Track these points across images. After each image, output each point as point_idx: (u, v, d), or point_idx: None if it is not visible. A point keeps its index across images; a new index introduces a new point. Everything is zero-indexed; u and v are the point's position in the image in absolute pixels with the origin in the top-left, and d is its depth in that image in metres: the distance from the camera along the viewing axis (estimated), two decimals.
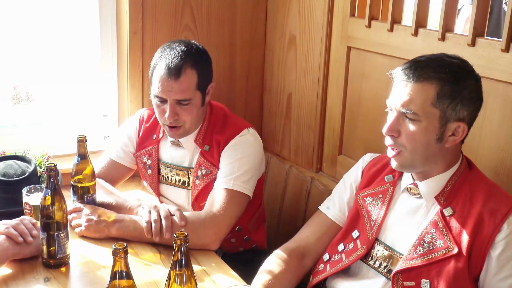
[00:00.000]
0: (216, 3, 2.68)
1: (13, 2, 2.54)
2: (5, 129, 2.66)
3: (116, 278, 1.33)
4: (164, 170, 2.32)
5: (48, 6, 2.60)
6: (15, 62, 2.72)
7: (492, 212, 1.54)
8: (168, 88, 2.06)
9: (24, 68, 2.74)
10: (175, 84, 2.05)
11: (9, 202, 2.12)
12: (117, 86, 2.69)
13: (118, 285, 1.33)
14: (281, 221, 2.70)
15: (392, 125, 1.61)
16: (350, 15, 2.35)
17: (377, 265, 1.71)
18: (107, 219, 2.02)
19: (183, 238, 1.37)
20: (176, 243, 1.37)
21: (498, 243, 1.51)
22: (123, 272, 1.33)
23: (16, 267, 1.83)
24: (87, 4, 2.57)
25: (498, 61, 1.80)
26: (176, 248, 1.37)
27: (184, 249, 1.37)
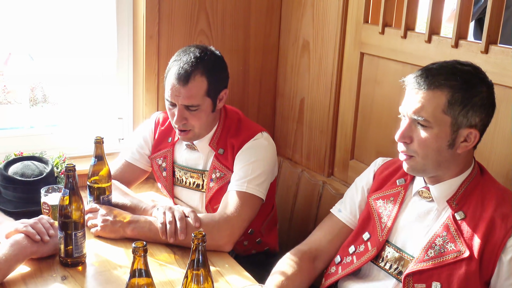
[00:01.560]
0: (231, 9, 2.72)
1: (32, 5, 2.59)
2: (22, 130, 2.70)
3: (136, 276, 1.36)
4: (178, 172, 2.36)
5: (66, 9, 2.64)
6: (33, 65, 2.77)
7: (504, 217, 1.56)
8: (176, 93, 2.09)
9: (41, 70, 2.78)
10: (182, 90, 2.08)
11: (27, 202, 2.16)
12: (132, 89, 2.73)
13: (138, 283, 1.36)
14: (293, 224, 2.73)
15: (405, 131, 1.64)
16: (363, 21, 2.38)
17: (388, 267, 1.74)
18: (122, 220, 2.05)
19: (201, 237, 1.40)
20: (193, 242, 1.41)
21: (510, 248, 1.54)
22: (143, 270, 1.36)
23: (34, 265, 1.87)
24: (105, 8, 2.61)
25: (511, 68, 1.83)
26: (193, 247, 1.41)
27: (202, 248, 1.41)
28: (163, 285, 1.82)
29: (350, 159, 2.55)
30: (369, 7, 2.37)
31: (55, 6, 2.62)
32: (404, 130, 1.64)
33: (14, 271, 1.80)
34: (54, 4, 2.62)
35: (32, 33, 2.65)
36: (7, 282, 1.77)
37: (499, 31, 1.90)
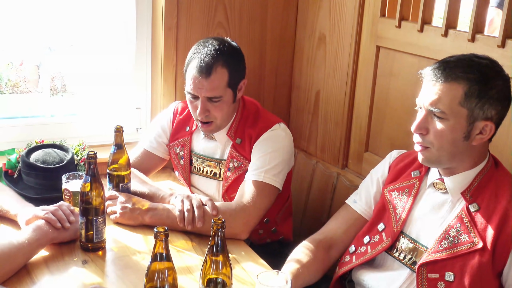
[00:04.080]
0: (248, 2, 2.73)
1: None
2: (43, 118, 2.73)
3: (157, 260, 1.39)
4: (196, 161, 2.38)
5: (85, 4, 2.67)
6: (54, 55, 2.80)
7: None
8: (199, 85, 2.11)
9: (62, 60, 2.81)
10: (205, 82, 2.10)
11: (48, 188, 2.19)
12: (150, 80, 2.74)
13: (159, 267, 1.39)
14: (306, 215, 2.75)
15: (421, 123, 1.65)
16: (380, 15, 2.38)
17: (402, 257, 1.75)
18: (141, 207, 2.08)
19: (220, 224, 1.43)
20: (213, 228, 1.43)
21: None
22: (164, 254, 1.39)
23: (56, 250, 1.90)
24: (123, 2, 2.63)
25: None
26: (213, 233, 1.43)
27: (221, 234, 1.43)
28: (181, 270, 1.83)
29: (364, 151, 2.56)
30: (386, 1, 2.37)
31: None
32: (420, 121, 1.65)
33: (36, 255, 1.84)
34: None
35: (53, 24, 2.68)
36: (30, 265, 1.80)
37: None
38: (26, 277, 1.74)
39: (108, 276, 1.80)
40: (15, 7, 2.60)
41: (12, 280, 1.72)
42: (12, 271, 1.74)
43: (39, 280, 1.74)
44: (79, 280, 1.76)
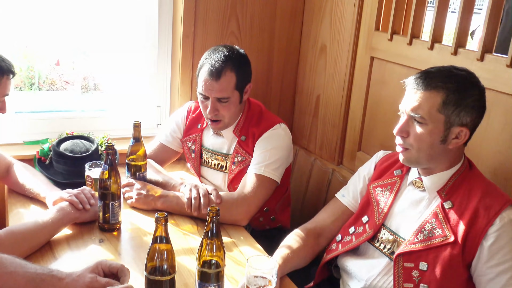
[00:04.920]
0: (259, 14, 2.71)
1: (90, 9, 2.62)
2: (75, 113, 2.74)
3: (157, 242, 1.37)
4: (205, 154, 2.37)
5: (117, 12, 2.67)
6: (86, 57, 2.81)
7: (487, 207, 1.53)
8: (210, 87, 2.10)
9: (93, 63, 2.82)
10: (215, 84, 2.09)
11: (74, 174, 2.20)
12: (170, 82, 2.74)
13: (159, 248, 1.37)
14: (305, 205, 2.72)
15: (402, 126, 1.62)
16: (375, 29, 2.34)
17: (382, 247, 1.72)
18: (154, 194, 2.08)
19: (215, 212, 1.41)
20: (209, 215, 1.41)
21: (490, 235, 1.51)
22: (163, 237, 1.37)
23: (76, 229, 1.91)
24: (149, 10, 2.62)
25: (503, 75, 1.78)
26: (208, 220, 1.42)
27: (216, 221, 1.41)
28: (185, 251, 1.84)
29: (357, 150, 2.52)
30: (380, 16, 2.33)
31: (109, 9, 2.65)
32: (402, 125, 1.62)
33: (59, 233, 1.84)
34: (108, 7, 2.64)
35: (87, 31, 2.69)
36: (53, 242, 1.81)
37: (494, 42, 1.85)
38: (48, 253, 1.75)
39: (120, 254, 1.80)
40: (54, 14, 2.61)
41: (36, 255, 1.73)
42: (36, 247, 1.75)
43: (60, 255, 1.75)
44: (95, 256, 1.75)
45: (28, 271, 1.49)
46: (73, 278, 1.48)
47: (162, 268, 1.37)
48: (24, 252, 1.68)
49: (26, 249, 1.70)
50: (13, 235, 1.69)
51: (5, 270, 1.48)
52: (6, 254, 1.54)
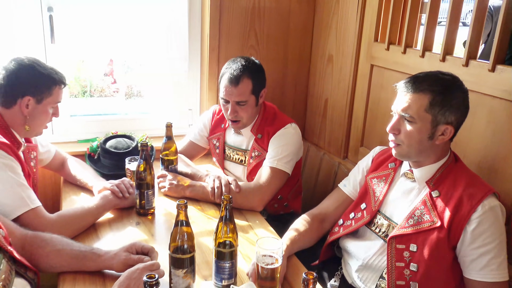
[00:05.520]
0: (274, 29, 2.66)
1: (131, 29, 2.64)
2: (119, 115, 2.76)
3: (178, 225, 1.36)
4: (228, 150, 2.35)
5: (153, 33, 2.67)
6: (130, 69, 2.82)
7: (470, 196, 1.47)
8: (230, 92, 2.07)
9: (136, 74, 2.84)
10: (234, 90, 2.06)
11: (116, 168, 2.20)
12: (199, 88, 2.72)
13: (180, 230, 1.36)
14: (315, 193, 2.67)
15: (394, 125, 1.56)
16: (374, 40, 2.28)
17: (378, 231, 1.67)
18: (183, 184, 2.07)
19: (228, 199, 1.39)
20: (223, 203, 1.39)
21: (473, 220, 1.44)
22: (184, 221, 1.36)
23: (117, 213, 1.92)
24: (180, 30, 2.61)
25: (486, 79, 1.70)
26: (223, 207, 1.39)
27: (229, 207, 1.39)
28: (209, 233, 1.82)
29: (360, 146, 2.46)
30: (378, 29, 2.26)
31: (148, 29, 2.65)
32: (393, 124, 1.56)
33: (102, 217, 1.86)
34: (147, 28, 2.65)
35: (131, 47, 2.71)
36: (97, 224, 1.82)
37: (478, 50, 1.77)
38: (93, 234, 1.76)
39: (153, 235, 1.79)
40: (104, 34, 2.64)
41: (82, 235, 1.74)
42: (82, 228, 1.76)
43: (103, 236, 1.76)
44: (133, 237, 1.76)
45: (73, 249, 1.50)
46: (110, 255, 1.48)
47: (183, 248, 1.36)
48: (72, 232, 1.70)
49: (74, 230, 1.71)
50: (63, 218, 1.71)
51: (54, 247, 1.50)
52: (56, 234, 1.56)
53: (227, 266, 1.41)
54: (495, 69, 1.66)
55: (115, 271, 1.47)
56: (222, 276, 1.42)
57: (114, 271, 1.47)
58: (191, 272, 1.38)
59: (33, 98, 1.77)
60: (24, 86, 1.75)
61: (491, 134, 1.73)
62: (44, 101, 1.79)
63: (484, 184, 1.51)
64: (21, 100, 1.75)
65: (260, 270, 1.41)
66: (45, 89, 1.78)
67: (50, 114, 1.85)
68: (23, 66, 1.77)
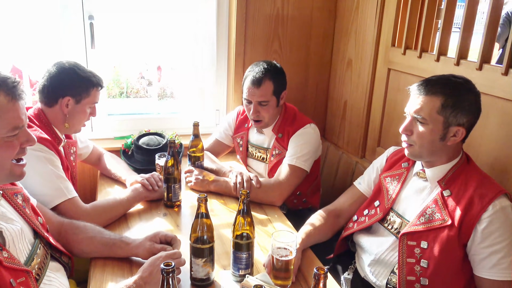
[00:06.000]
0: (297, 35, 2.63)
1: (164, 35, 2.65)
2: (152, 115, 2.78)
3: (199, 218, 1.35)
4: (250, 148, 2.33)
5: (184, 38, 2.68)
6: (163, 72, 2.83)
7: (481, 196, 1.40)
8: (252, 93, 2.06)
9: (169, 76, 2.85)
10: (257, 91, 2.05)
11: (148, 163, 2.22)
12: (226, 90, 2.72)
13: (200, 222, 1.35)
14: (334, 190, 2.62)
15: (407, 126, 1.51)
16: (391, 45, 2.21)
17: (390, 227, 1.62)
18: (208, 179, 2.06)
19: (246, 194, 1.37)
20: (241, 197, 1.37)
21: (484, 220, 1.38)
22: (204, 214, 1.35)
23: (146, 205, 1.93)
24: (209, 36, 2.60)
25: (499, 82, 1.63)
26: (240, 201, 1.38)
27: (246, 201, 1.37)
28: (230, 225, 1.76)
29: (377, 146, 2.40)
30: (395, 35, 2.20)
31: (179, 35, 2.65)
32: (406, 125, 1.51)
33: (133, 208, 1.87)
34: (178, 34, 2.65)
35: (164, 52, 2.72)
36: (128, 215, 1.83)
37: (491, 54, 1.69)
38: (123, 223, 1.78)
39: (179, 225, 1.79)
40: (139, 40, 2.66)
41: (114, 224, 1.76)
42: (114, 218, 1.78)
43: (133, 225, 1.77)
44: (160, 226, 1.77)
45: (104, 237, 1.51)
46: (136, 244, 1.49)
47: (202, 238, 1.35)
48: (105, 221, 1.72)
49: (106, 220, 1.73)
50: (97, 209, 1.73)
51: (87, 235, 1.51)
52: (89, 223, 1.58)
53: (244, 257, 1.39)
54: (508, 72, 1.58)
55: (141, 258, 1.47)
56: (239, 266, 1.40)
57: (140, 258, 1.48)
58: (210, 261, 1.37)
59: (73, 98, 1.79)
60: (65, 88, 1.78)
61: (504, 136, 1.65)
62: (83, 101, 1.82)
63: (495, 185, 1.44)
64: (61, 100, 1.78)
65: (275, 262, 1.38)
66: (83, 90, 1.81)
67: (88, 114, 1.87)
68: (64, 69, 1.80)
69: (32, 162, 1.61)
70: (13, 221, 1.23)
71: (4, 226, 1.18)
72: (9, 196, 1.29)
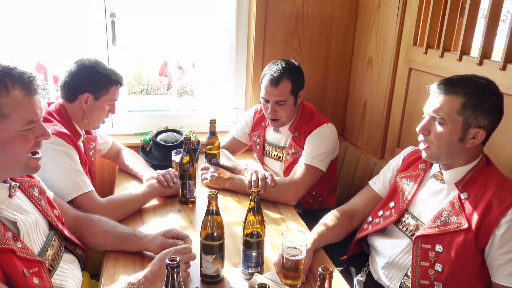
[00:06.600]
0: (317, 34, 2.60)
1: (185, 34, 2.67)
2: (171, 112, 2.80)
3: (209, 214, 1.35)
4: (267, 147, 2.32)
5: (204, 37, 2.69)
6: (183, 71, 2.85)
7: (500, 200, 1.35)
8: (270, 92, 2.04)
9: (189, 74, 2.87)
10: (275, 90, 2.03)
11: (165, 159, 2.24)
12: (245, 89, 2.71)
13: (211, 219, 1.35)
14: (351, 191, 2.58)
15: (424, 125, 1.47)
16: (412, 44, 2.16)
17: (405, 229, 1.58)
18: (224, 177, 2.06)
19: (257, 192, 1.36)
20: (251, 195, 1.37)
21: (503, 225, 1.33)
22: (214, 210, 1.35)
23: (161, 201, 1.94)
24: (229, 35, 2.61)
25: None
26: (251, 199, 1.37)
27: (257, 199, 1.37)
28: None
29: (396, 147, 2.35)
30: (417, 33, 2.15)
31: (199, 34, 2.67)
32: (424, 124, 1.47)
33: (148, 203, 1.89)
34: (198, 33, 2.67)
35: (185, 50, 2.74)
36: (143, 210, 1.85)
37: None
38: (138, 218, 1.79)
39: (192, 222, 1.80)
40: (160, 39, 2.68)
41: (129, 219, 1.78)
42: (129, 213, 1.80)
43: (147, 221, 1.78)
44: (174, 222, 1.78)
45: (118, 231, 1.53)
46: (149, 238, 1.50)
47: (213, 235, 1.35)
48: (120, 216, 1.74)
49: (121, 214, 1.75)
50: (112, 203, 1.75)
51: (101, 228, 1.54)
52: (104, 217, 1.60)
53: (254, 255, 1.39)
54: None
55: (152, 253, 1.48)
56: (249, 264, 1.40)
57: (152, 253, 1.49)
58: (219, 258, 1.37)
59: (92, 95, 1.82)
60: (84, 84, 1.82)
61: None
62: (101, 98, 1.84)
63: None
64: (81, 96, 1.82)
65: (285, 261, 1.37)
66: (102, 87, 1.84)
67: (107, 111, 1.90)
68: (84, 66, 1.83)
69: (51, 156, 1.65)
70: (28, 213, 1.26)
71: (19, 217, 1.21)
72: (26, 189, 1.32)
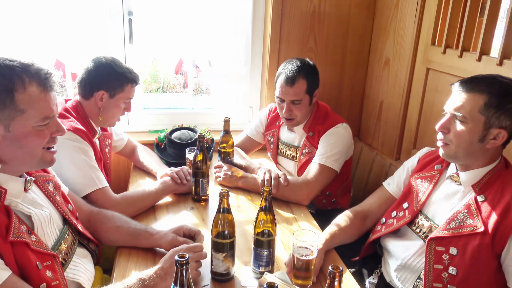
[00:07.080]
0: (333, 33, 2.58)
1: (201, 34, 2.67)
2: (186, 110, 2.81)
3: (220, 212, 1.35)
4: (281, 146, 2.31)
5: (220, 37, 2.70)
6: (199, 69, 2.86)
7: None
8: (285, 92, 2.03)
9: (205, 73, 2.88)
10: (290, 90, 2.02)
11: (179, 157, 2.25)
12: (260, 88, 2.71)
13: (222, 217, 1.35)
14: (366, 192, 2.55)
15: (444, 123, 1.44)
16: (431, 44, 2.13)
17: (418, 231, 1.55)
18: (237, 175, 2.07)
19: (268, 191, 1.35)
20: (263, 194, 1.36)
21: None
22: (225, 208, 1.35)
23: (174, 198, 1.95)
24: (245, 34, 2.61)
25: None
26: (263, 198, 1.36)
27: (268, 198, 1.36)
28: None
29: (412, 148, 2.31)
30: (436, 33, 2.11)
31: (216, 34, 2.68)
32: (444, 122, 1.44)
33: (161, 200, 1.90)
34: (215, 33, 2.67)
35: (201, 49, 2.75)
36: (156, 207, 1.87)
37: None
38: (151, 215, 1.81)
39: (204, 219, 1.80)
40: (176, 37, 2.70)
41: (142, 216, 1.79)
42: (142, 209, 1.81)
43: (160, 217, 1.79)
44: (187, 220, 1.79)
45: (130, 227, 1.55)
46: (160, 235, 1.51)
47: (223, 233, 1.35)
48: (133, 212, 1.75)
49: (135, 210, 1.77)
50: (126, 199, 1.77)
51: (114, 224, 1.55)
52: (118, 213, 1.62)
53: (265, 254, 1.38)
54: None
55: (164, 249, 1.49)
56: (260, 263, 1.39)
57: (163, 249, 1.50)
58: (230, 256, 1.37)
59: (107, 92, 1.84)
60: (100, 82, 1.84)
61: None
62: (117, 96, 1.86)
63: None
64: (96, 93, 1.84)
65: (296, 261, 1.36)
66: (117, 85, 1.85)
67: (122, 109, 1.91)
68: (101, 64, 1.85)
69: (66, 151, 1.67)
70: (42, 207, 1.27)
71: (33, 211, 1.22)
72: (41, 183, 1.34)
